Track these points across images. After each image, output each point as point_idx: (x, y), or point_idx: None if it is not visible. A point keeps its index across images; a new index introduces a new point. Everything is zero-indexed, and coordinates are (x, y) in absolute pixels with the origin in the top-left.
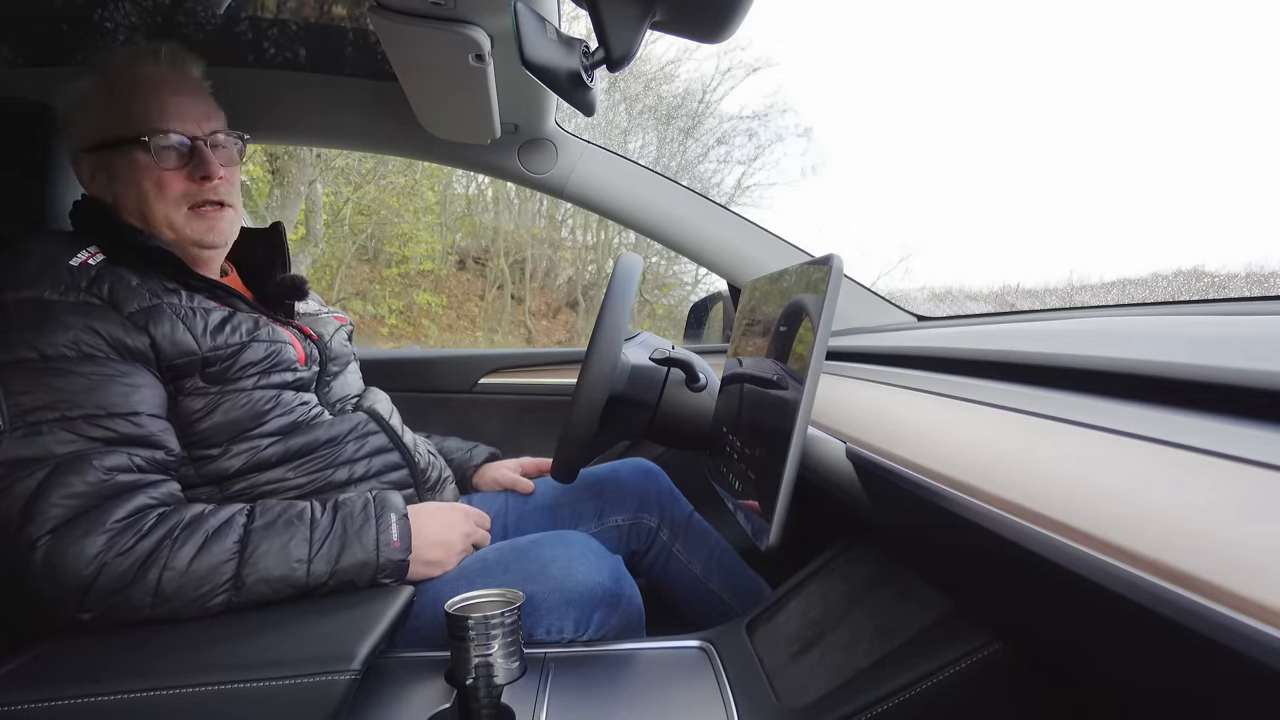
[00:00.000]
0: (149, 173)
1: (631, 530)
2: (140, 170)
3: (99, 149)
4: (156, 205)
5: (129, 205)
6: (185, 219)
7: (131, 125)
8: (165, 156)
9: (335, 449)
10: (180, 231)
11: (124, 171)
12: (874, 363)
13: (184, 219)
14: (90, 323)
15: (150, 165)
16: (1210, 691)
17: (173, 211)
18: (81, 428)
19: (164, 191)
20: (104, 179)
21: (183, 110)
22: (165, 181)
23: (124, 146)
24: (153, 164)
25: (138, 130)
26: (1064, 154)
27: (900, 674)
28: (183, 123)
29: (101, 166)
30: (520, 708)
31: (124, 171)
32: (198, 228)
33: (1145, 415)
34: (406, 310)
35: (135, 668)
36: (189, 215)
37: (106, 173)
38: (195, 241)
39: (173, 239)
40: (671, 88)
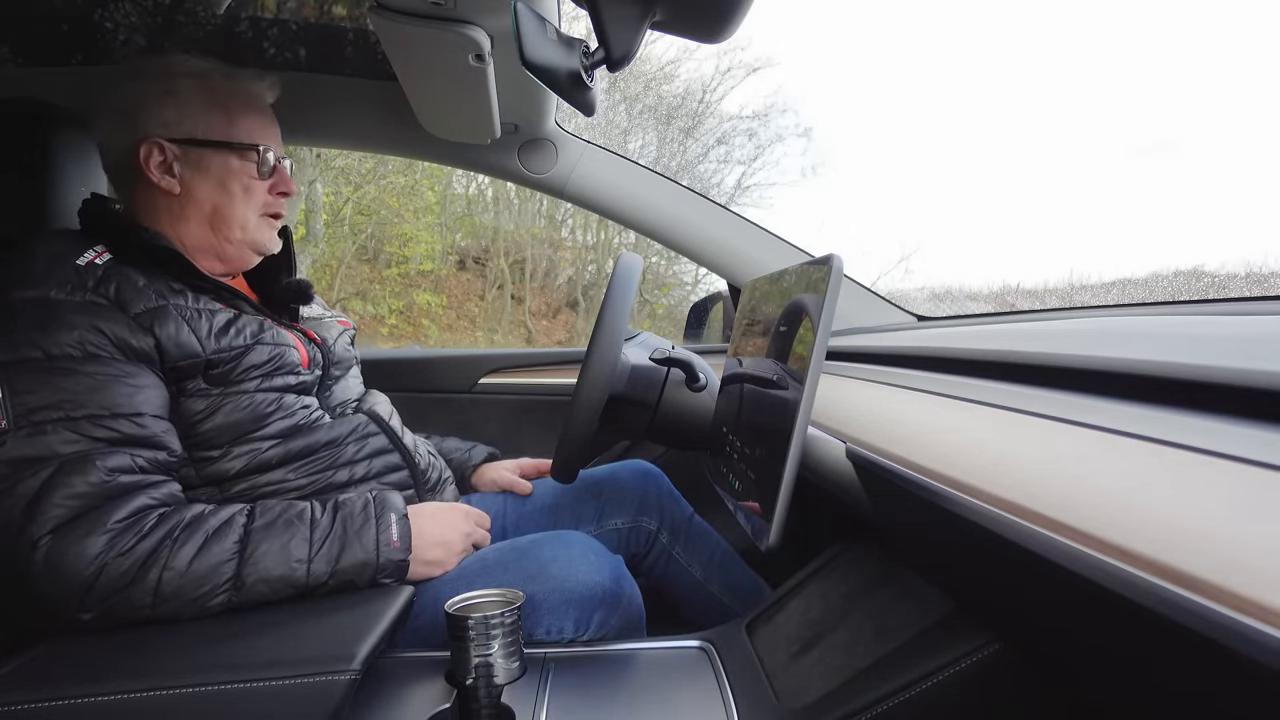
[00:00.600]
0: (241, 178)
1: (631, 533)
2: (233, 173)
3: (190, 143)
4: (238, 207)
5: (201, 198)
6: (257, 224)
7: (240, 133)
8: (263, 169)
9: (336, 450)
10: (249, 234)
11: (215, 170)
12: (874, 363)
13: (256, 224)
14: (96, 323)
15: (246, 172)
16: (1210, 691)
17: (250, 215)
18: (85, 428)
19: (250, 197)
20: (183, 170)
21: (274, 132)
22: (254, 189)
23: (225, 149)
24: (250, 172)
25: (248, 140)
26: (1064, 154)
27: (900, 674)
28: (275, 143)
29: (186, 159)
30: (520, 708)
31: (215, 170)
32: (265, 234)
33: (1145, 415)
34: (406, 310)
35: (135, 668)
36: (260, 221)
37: (190, 166)
38: (256, 245)
39: (239, 238)
40: (671, 88)
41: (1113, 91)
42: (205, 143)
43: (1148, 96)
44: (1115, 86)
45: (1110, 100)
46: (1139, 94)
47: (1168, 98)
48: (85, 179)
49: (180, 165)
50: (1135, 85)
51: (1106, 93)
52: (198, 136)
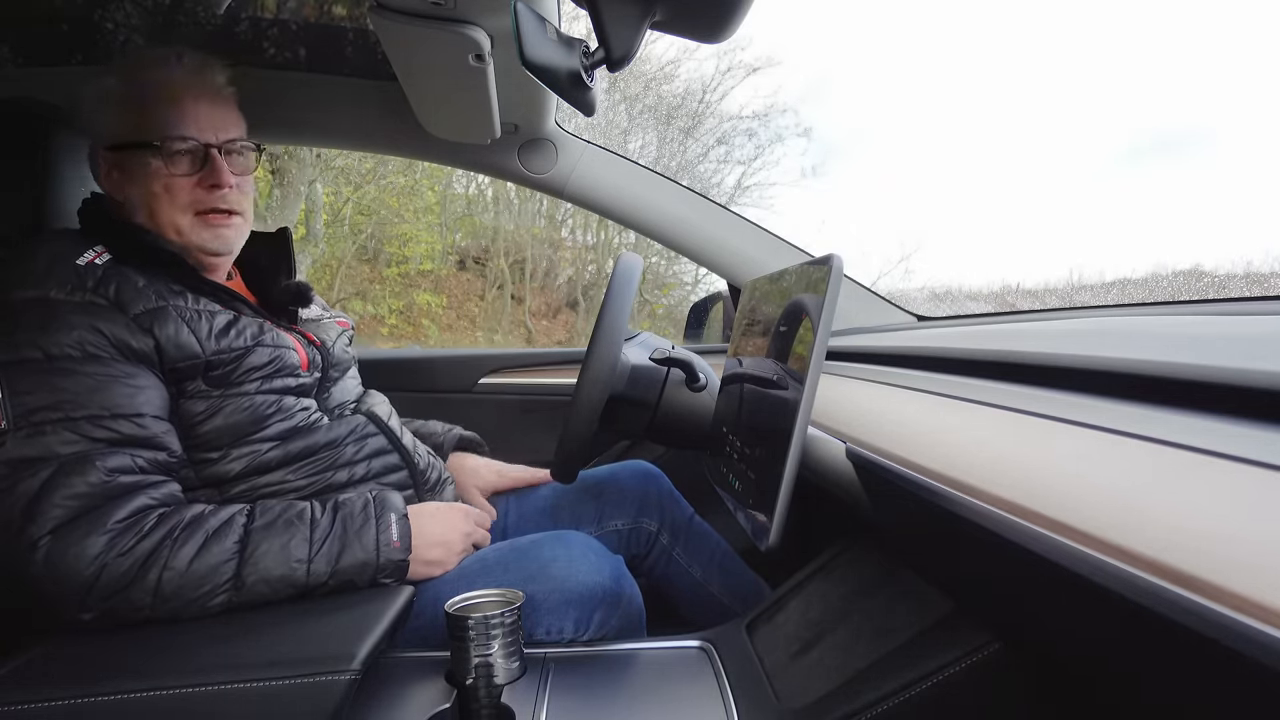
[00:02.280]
0: (159, 177)
1: (631, 534)
2: (151, 174)
3: (116, 148)
4: (164, 209)
5: (139, 206)
6: (191, 225)
7: (147, 129)
8: (176, 162)
9: (335, 452)
10: (186, 237)
11: (136, 173)
12: (874, 363)
13: (190, 225)
14: (95, 323)
15: (161, 170)
16: (1210, 691)
17: (180, 217)
18: (85, 428)
19: (173, 197)
20: (118, 178)
21: (200, 117)
22: (175, 187)
23: (138, 149)
24: (163, 169)
25: (152, 134)
26: (1064, 153)
27: (900, 674)
28: (199, 129)
29: (117, 165)
30: (520, 708)
31: (136, 173)
32: (203, 235)
33: (1145, 415)
34: (406, 310)
35: (135, 668)
36: (195, 221)
37: (121, 172)
38: (200, 248)
39: (179, 244)
40: (671, 88)
41: (1111, 91)
42: (123, 145)
43: (1144, 97)
44: (1113, 87)
45: (1109, 100)
46: (1134, 95)
47: (1166, 98)
48: (85, 179)
49: (116, 171)
50: (1131, 86)
51: (1106, 93)
52: (120, 139)
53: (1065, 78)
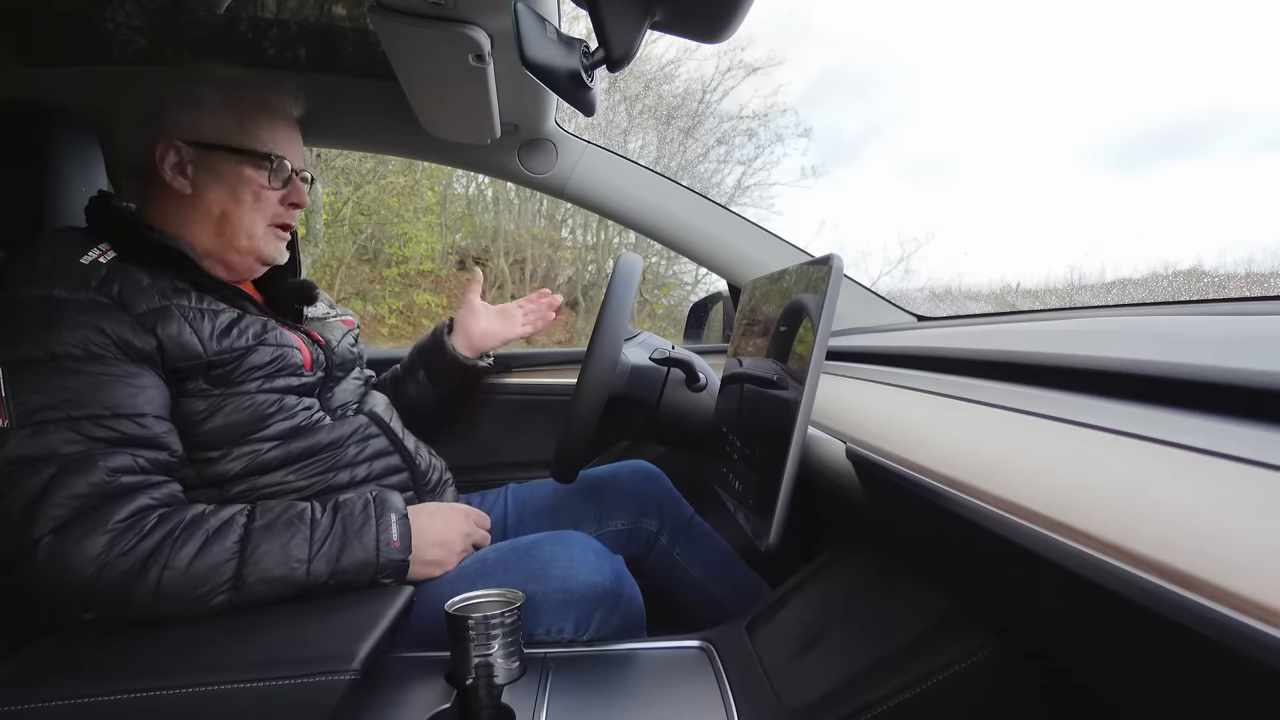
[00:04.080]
0: (253, 186)
1: (631, 534)
2: (245, 180)
3: (206, 146)
4: (247, 214)
5: (211, 202)
6: (264, 234)
7: (258, 142)
8: (277, 179)
9: (336, 452)
10: (255, 242)
11: (227, 175)
12: (874, 363)
13: (263, 233)
14: (98, 322)
15: (258, 180)
16: (1210, 691)
17: (258, 224)
18: (87, 428)
19: (261, 205)
20: (196, 172)
21: (294, 144)
22: (265, 199)
23: (239, 155)
24: (262, 180)
25: (265, 149)
26: (1065, 153)
27: (900, 674)
28: (294, 155)
29: (199, 162)
30: (520, 708)
31: (227, 175)
32: (271, 245)
33: (1145, 415)
34: (406, 310)
35: (135, 667)
36: (268, 231)
37: (205, 169)
38: (262, 256)
39: (244, 246)
40: (671, 88)
41: (1111, 91)
42: (221, 147)
43: (1144, 97)
44: (1112, 87)
45: (1108, 100)
46: (1134, 94)
47: (1166, 97)
48: (85, 179)
49: (194, 167)
50: (1131, 85)
51: (1105, 92)
52: (214, 140)
53: (1065, 77)
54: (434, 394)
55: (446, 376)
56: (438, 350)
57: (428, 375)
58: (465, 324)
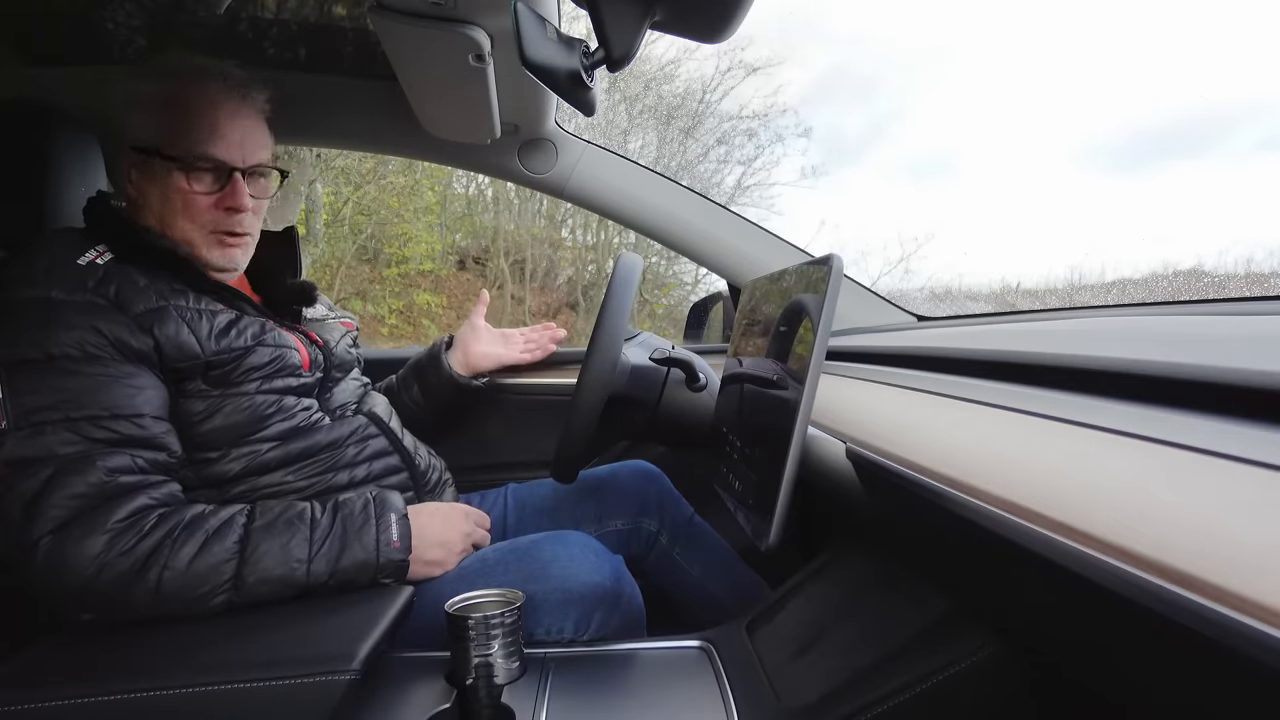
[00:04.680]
0: (179, 190)
1: (631, 534)
2: (172, 184)
3: (141, 151)
4: (179, 221)
5: (154, 211)
6: (204, 241)
7: (176, 141)
8: (200, 180)
9: (336, 453)
10: (197, 251)
11: (159, 181)
12: (874, 363)
13: (202, 240)
14: (95, 323)
15: (182, 184)
16: (1210, 691)
17: (194, 232)
18: (85, 429)
19: (190, 212)
20: (137, 178)
21: (231, 137)
22: (193, 204)
23: (166, 159)
24: (185, 184)
25: (183, 149)
26: (1065, 153)
27: (900, 674)
28: (227, 150)
29: (140, 168)
30: (520, 708)
31: (159, 181)
32: (214, 253)
33: (1145, 415)
34: (406, 310)
35: (135, 668)
36: (209, 239)
37: (143, 175)
38: (207, 264)
39: (187, 254)
40: (671, 88)
41: (1110, 90)
42: (151, 151)
43: (1147, 93)
44: (1111, 85)
45: (1108, 99)
46: (1132, 94)
47: (1168, 96)
48: (85, 179)
49: (138, 173)
50: (1130, 84)
51: (1105, 91)
52: (148, 145)
53: (1066, 77)
54: (425, 409)
55: (439, 393)
56: (433, 366)
57: (421, 390)
58: (465, 341)
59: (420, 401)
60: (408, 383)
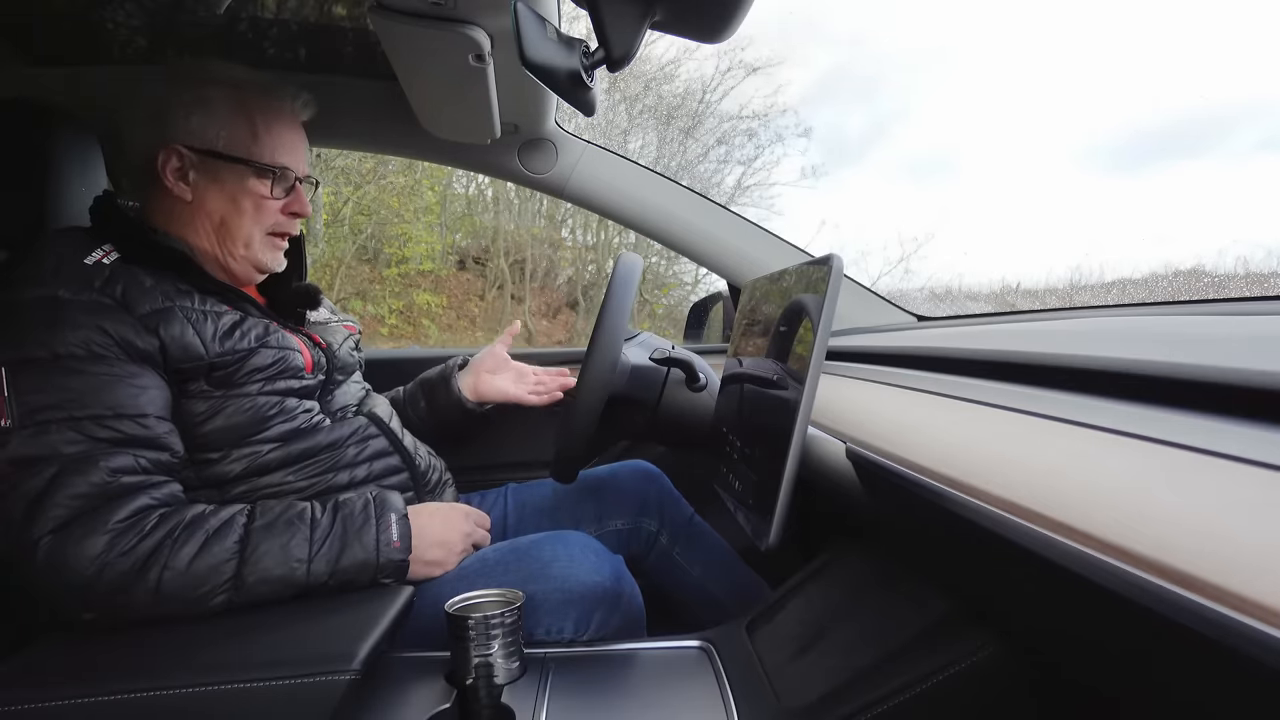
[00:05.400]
0: (254, 195)
1: (631, 534)
2: (247, 190)
3: (209, 154)
4: (245, 223)
5: (211, 209)
6: (262, 242)
7: (260, 151)
8: (280, 188)
9: (336, 453)
10: (253, 251)
11: (229, 184)
12: (874, 363)
13: (260, 242)
14: (100, 322)
15: (260, 191)
16: (1210, 691)
17: (256, 233)
18: (89, 428)
19: (260, 215)
20: (198, 179)
21: (298, 152)
22: (265, 208)
23: (241, 164)
24: (264, 190)
25: (267, 159)
26: (1065, 153)
27: (900, 674)
28: (297, 163)
29: (202, 168)
30: (520, 708)
31: (229, 184)
32: (268, 253)
33: (1145, 415)
34: (406, 310)
35: (135, 668)
36: (265, 240)
37: (206, 176)
38: (259, 264)
39: (242, 254)
40: (671, 88)
41: (1111, 89)
42: (225, 156)
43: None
44: (1113, 84)
45: (1108, 99)
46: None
47: (1168, 96)
48: (85, 179)
49: (195, 173)
50: (1131, 83)
51: (1106, 90)
52: (218, 149)
53: (1067, 77)
54: (428, 424)
55: (444, 414)
56: (443, 386)
57: (428, 407)
58: (479, 367)
59: (425, 418)
60: (415, 398)
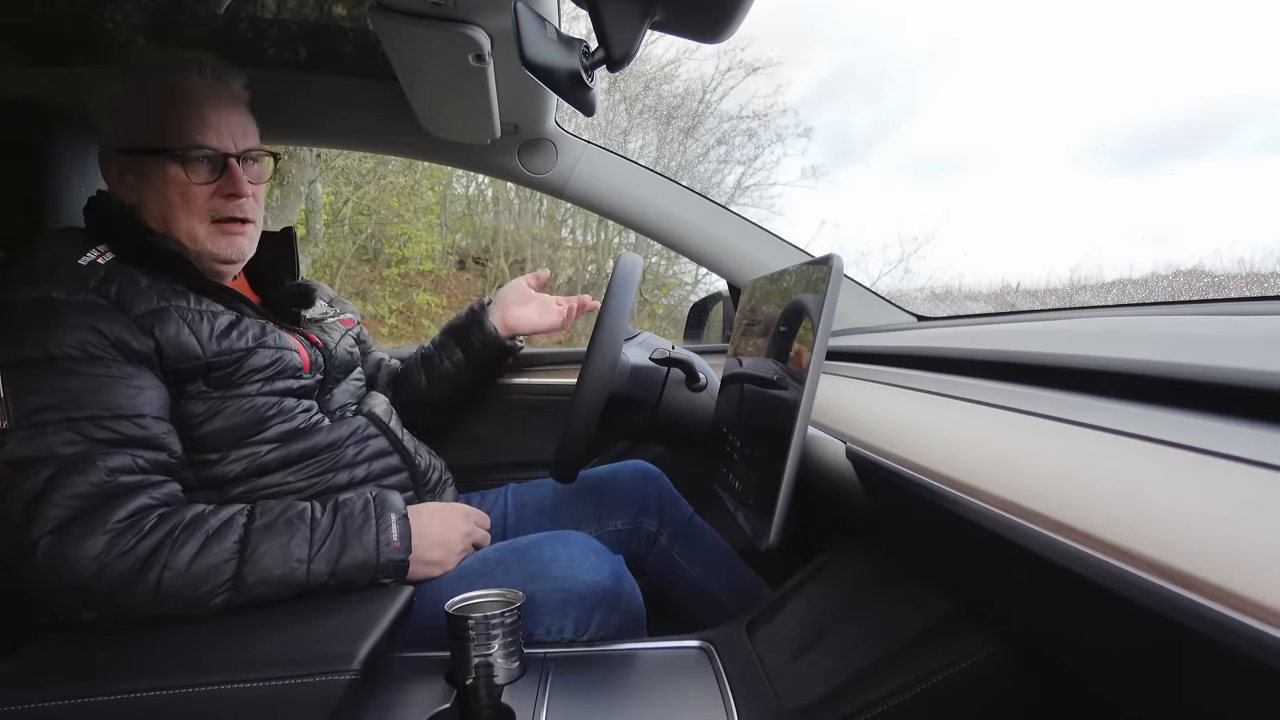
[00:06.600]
0: (177, 185)
1: (631, 534)
2: (169, 181)
3: (131, 152)
4: (181, 217)
5: (153, 210)
6: (208, 233)
7: (167, 136)
8: (196, 171)
9: (336, 453)
10: (201, 245)
11: (153, 178)
12: (874, 363)
13: (206, 233)
14: (95, 323)
15: (180, 178)
16: (1209, 691)
17: (197, 225)
18: (86, 429)
19: (190, 205)
20: (132, 181)
21: (220, 125)
22: (193, 195)
23: (157, 155)
24: (183, 177)
25: (173, 142)
26: (1065, 153)
27: (900, 674)
28: (219, 138)
29: (131, 169)
30: (520, 708)
31: (153, 178)
32: (219, 244)
33: (1145, 415)
34: (406, 310)
35: (135, 668)
36: (211, 230)
37: (135, 176)
38: (214, 256)
39: (193, 250)
40: (671, 88)
41: (1111, 89)
42: (141, 149)
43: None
44: (1112, 85)
45: (1109, 98)
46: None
47: (1168, 96)
48: (85, 179)
49: (130, 174)
50: (1132, 83)
51: (1105, 90)
52: (135, 143)
53: (1067, 77)
54: (464, 371)
55: (481, 354)
56: (476, 326)
57: (463, 352)
58: (504, 301)
59: (462, 364)
60: (446, 347)
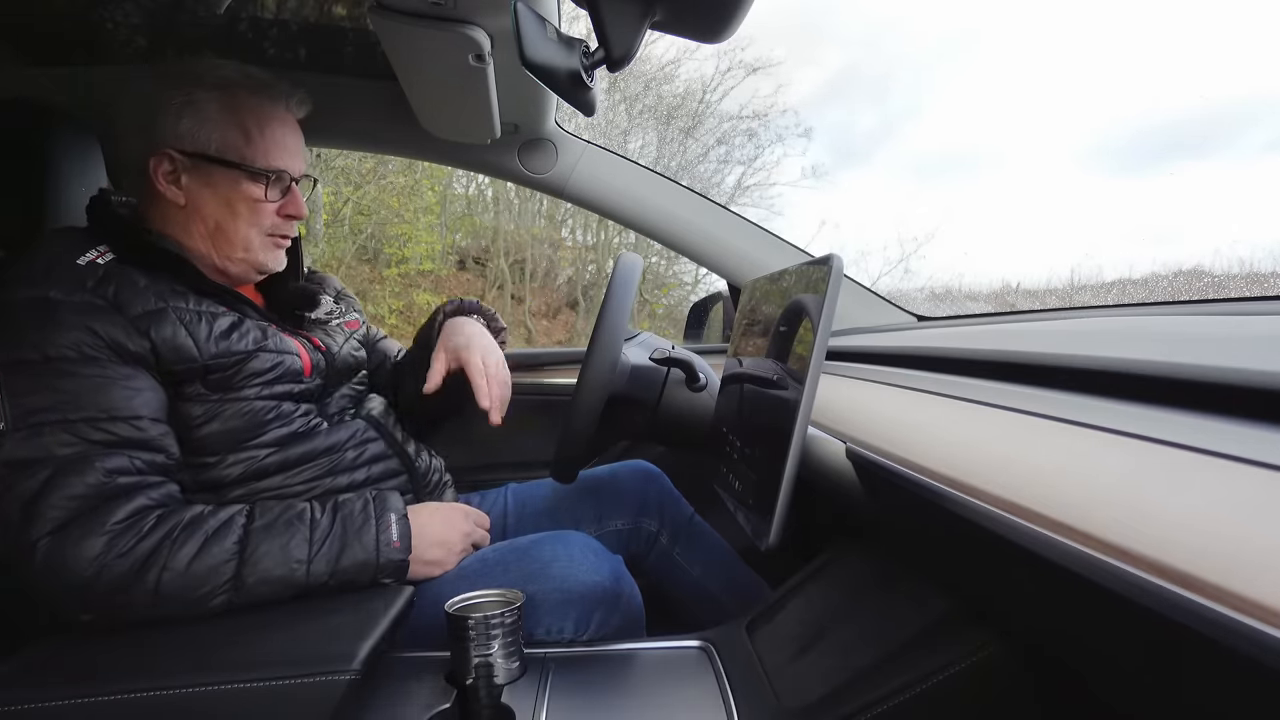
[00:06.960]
0: (247, 198)
1: (631, 534)
2: (241, 194)
3: (198, 157)
4: (242, 226)
5: (205, 213)
6: (260, 244)
7: (253, 155)
8: (274, 191)
9: (334, 457)
10: (251, 253)
11: (223, 187)
12: (874, 363)
13: (259, 244)
14: (91, 324)
15: (253, 193)
16: (1209, 691)
17: (254, 236)
18: (83, 430)
19: (256, 218)
20: (191, 183)
21: (293, 152)
22: (260, 211)
23: (238, 170)
24: (258, 194)
25: (259, 162)
26: (1067, 153)
27: (900, 674)
28: (291, 163)
29: (195, 173)
30: (520, 708)
31: (223, 187)
32: (269, 255)
33: (1145, 415)
34: (406, 310)
35: (135, 668)
36: (264, 242)
37: (199, 180)
38: (259, 266)
39: (240, 257)
40: (671, 88)
41: (1111, 89)
42: (217, 160)
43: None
44: (1113, 85)
45: (1109, 99)
46: (1134, 92)
47: (1169, 97)
48: (85, 179)
49: (188, 177)
50: (1132, 83)
51: (1106, 90)
52: (210, 152)
53: (1068, 77)
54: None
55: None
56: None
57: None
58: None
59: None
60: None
